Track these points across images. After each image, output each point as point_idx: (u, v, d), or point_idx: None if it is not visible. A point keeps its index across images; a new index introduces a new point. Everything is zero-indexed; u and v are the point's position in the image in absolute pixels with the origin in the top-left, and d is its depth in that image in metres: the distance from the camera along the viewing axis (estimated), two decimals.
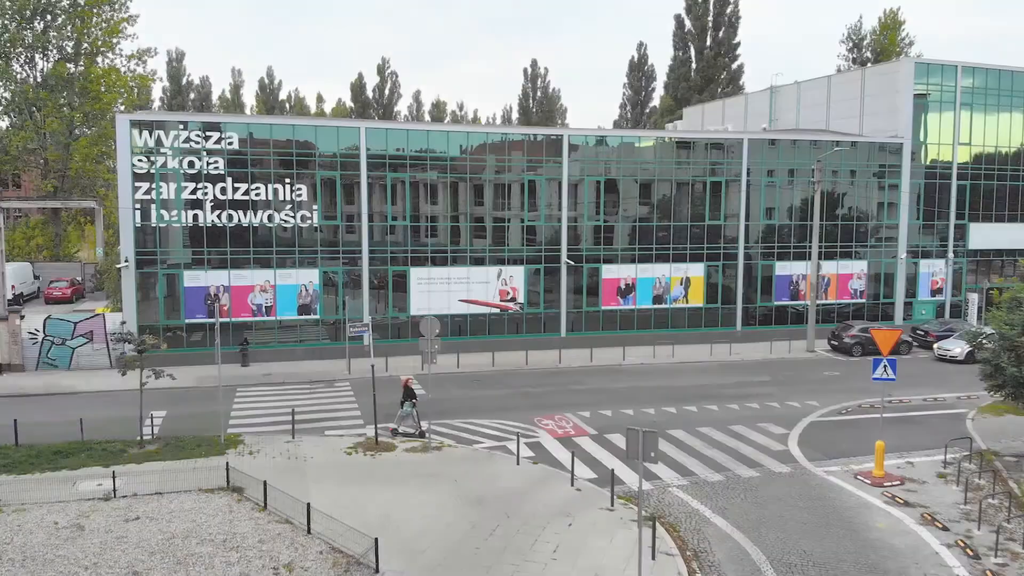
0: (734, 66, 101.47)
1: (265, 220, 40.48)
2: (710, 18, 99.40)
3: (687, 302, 47.24)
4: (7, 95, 60.33)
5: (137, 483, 22.87)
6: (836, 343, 46.01)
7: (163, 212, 39.31)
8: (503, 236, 44.40)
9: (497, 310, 44.18)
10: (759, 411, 32.75)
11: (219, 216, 39.92)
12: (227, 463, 23.42)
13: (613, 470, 23.49)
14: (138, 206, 39.06)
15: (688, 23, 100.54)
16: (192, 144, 39.41)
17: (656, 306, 46.76)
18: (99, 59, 63.63)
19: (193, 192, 39.58)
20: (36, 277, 55.62)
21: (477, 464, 25.30)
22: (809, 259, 48.42)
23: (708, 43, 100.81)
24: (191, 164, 39.42)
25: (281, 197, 40.51)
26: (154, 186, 39.07)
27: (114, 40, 62.80)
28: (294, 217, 40.75)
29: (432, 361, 27.83)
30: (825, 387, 37.40)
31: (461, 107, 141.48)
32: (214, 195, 39.77)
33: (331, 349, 40.66)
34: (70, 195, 61.08)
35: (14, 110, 61.44)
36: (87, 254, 67.23)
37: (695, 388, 36.62)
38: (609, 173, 45.57)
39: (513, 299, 44.38)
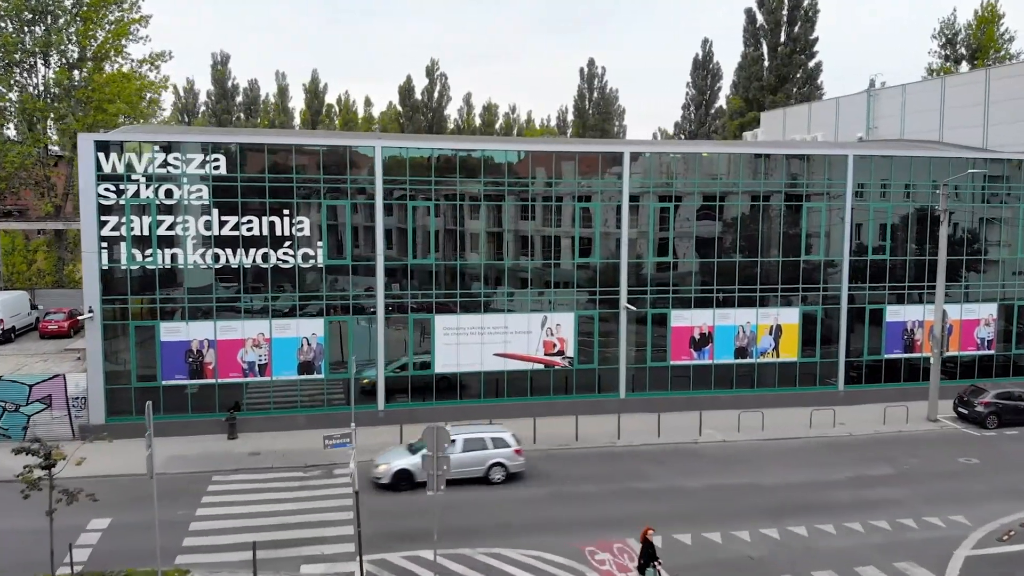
0: (811, 64, 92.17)
1: (259, 260, 33.17)
2: (784, 12, 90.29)
3: (777, 355, 38.48)
4: (7, 105, 54.57)
5: None
6: (964, 410, 36.77)
7: (135, 252, 32.30)
8: (549, 276, 36.36)
9: (541, 366, 36.16)
10: (891, 535, 24.06)
11: (203, 256, 32.75)
12: None
13: None
14: (104, 245, 32.12)
15: (760, 17, 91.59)
16: (170, 169, 32.30)
17: (739, 360, 38.12)
18: (107, 65, 57.75)
19: (171, 227, 32.49)
20: (35, 307, 49.42)
21: None
22: (929, 302, 39.27)
23: (782, 39, 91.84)
24: (169, 193, 32.34)
25: (278, 232, 33.14)
26: (124, 220, 32.08)
27: (122, 43, 56.76)
28: (294, 256, 33.34)
29: (438, 488, 19.87)
30: (967, 486, 28.48)
31: (514, 110, 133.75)
32: (197, 231, 32.61)
33: (338, 416, 33.09)
34: (73, 216, 55.03)
35: (14, 121, 55.81)
36: None
37: (799, 489, 28.00)
38: (679, 196, 37.13)
39: (561, 352, 36.29)
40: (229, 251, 32.90)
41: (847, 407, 38.53)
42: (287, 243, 33.21)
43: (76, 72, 55.42)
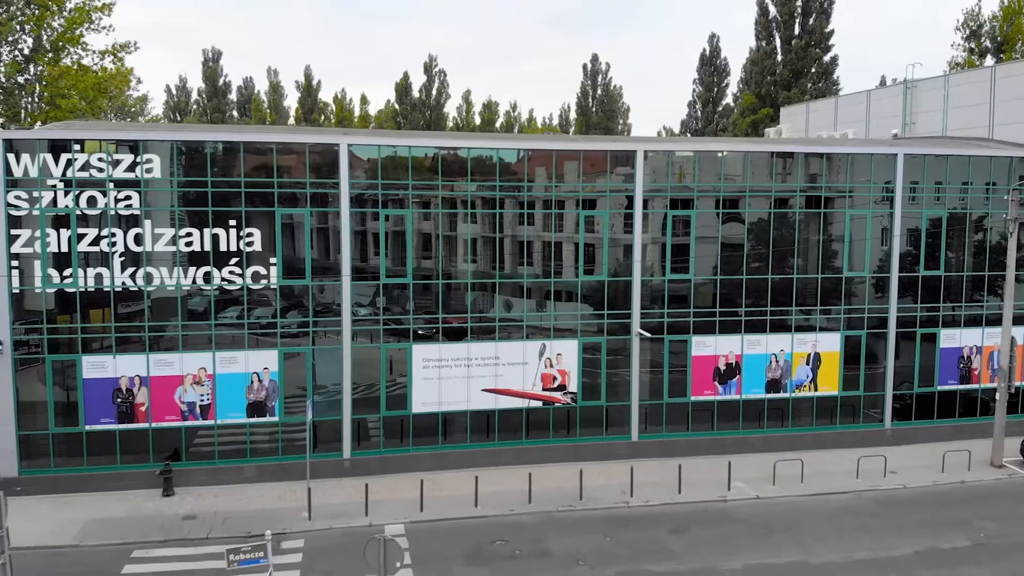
0: (826, 58, 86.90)
1: (200, 281, 27.74)
2: (799, 3, 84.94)
3: (815, 389, 32.95)
4: None
5: None
6: None
7: (52, 272, 26.89)
8: (548, 296, 30.90)
9: (539, 403, 30.69)
10: None
11: (132, 276, 27.33)
12: None
13: None
14: (15, 263, 26.70)
15: (773, 9, 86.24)
16: (93, 172, 26.87)
17: (771, 395, 32.60)
18: (66, 57, 52.37)
19: (95, 242, 27.06)
20: None
21: None
22: (989, 325, 33.82)
23: (797, 31, 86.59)
24: (92, 201, 26.91)
25: (223, 247, 27.70)
26: (38, 234, 26.66)
27: (80, 32, 51.37)
28: (242, 276, 27.89)
29: None
30: None
31: (514, 107, 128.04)
32: (125, 246, 27.19)
33: (294, 467, 27.62)
34: None
35: None
36: None
37: (860, 572, 22.50)
38: (700, 202, 31.65)
39: (562, 387, 30.81)
40: (164, 270, 27.45)
41: (896, 448, 33.06)
42: (234, 260, 27.74)
43: (31, 66, 50.08)
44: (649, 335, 30.64)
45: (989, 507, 27.55)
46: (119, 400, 27.57)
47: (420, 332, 29.54)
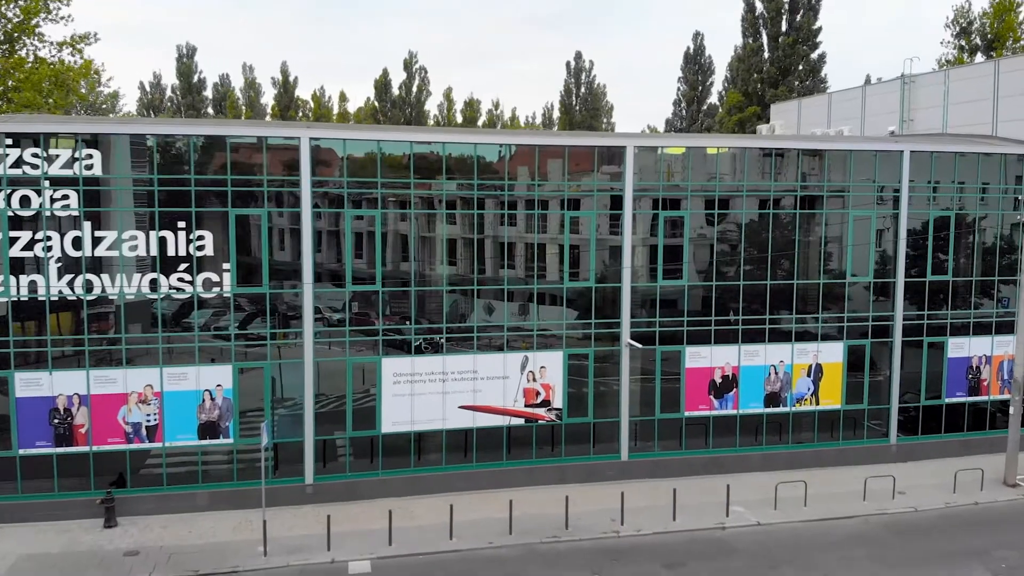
0: (814, 55, 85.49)
1: (145, 289, 25.09)
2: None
3: (817, 402, 30.75)
4: None
5: None
6: None
7: None
8: (530, 305, 28.49)
9: (521, 420, 28.27)
10: None
11: (70, 284, 24.62)
12: None
13: None
14: None
15: (760, 5, 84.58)
16: (27, 169, 24.16)
17: (770, 409, 30.36)
18: (21, 48, 49.41)
19: (29, 246, 24.34)
20: None
21: None
22: (1000, 333, 31.85)
23: (784, 28, 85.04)
24: (25, 201, 24.20)
25: (171, 251, 25.05)
26: None
27: (35, 22, 48.44)
28: (192, 283, 25.26)
29: None
30: None
31: (497, 105, 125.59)
32: (62, 251, 24.48)
33: (251, 493, 24.98)
34: None
35: None
36: None
37: None
38: (693, 203, 29.37)
39: (546, 402, 28.41)
40: (105, 277, 24.78)
41: (902, 465, 30.98)
42: (183, 266, 25.11)
43: None
44: (640, 346, 28.30)
45: (1007, 533, 25.45)
46: (56, 421, 24.88)
47: (390, 342, 27.05)
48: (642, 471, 28.96)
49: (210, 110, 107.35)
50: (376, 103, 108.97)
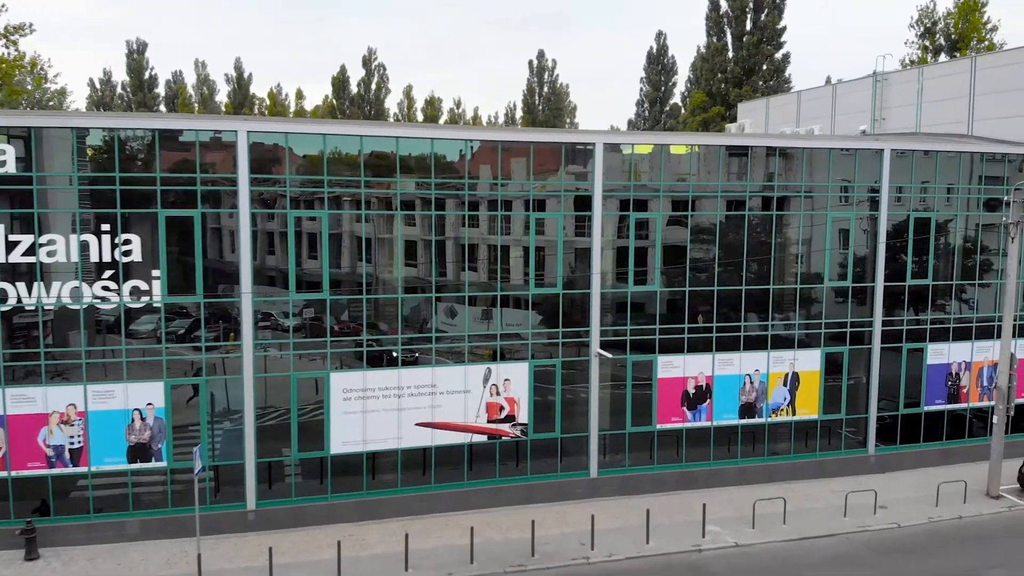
0: (778, 55, 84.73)
1: (66, 298, 22.64)
2: None
3: (794, 412, 29.29)
4: None
5: None
6: None
7: None
8: (493, 314, 26.54)
9: (484, 437, 26.33)
10: None
11: None
12: None
13: None
14: None
15: (725, 4, 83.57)
16: None
17: (745, 420, 28.81)
18: None
19: None
20: None
21: None
22: (980, 338, 30.74)
23: (748, 27, 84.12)
24: None
25: (95, 257, 22.66)
26: None
27: None
28: (118, 292, 22.89)
29: None
30: None
31: (459, 104, 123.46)
32: None
33: (186, 521, 22.62)
34: None
35: None
36: None
37: None
38: (665, 204, 27.68)
39: (511, 417, 26.51)
40: (22, 285, 22.30)
41: (881, 476, 29.74)
42: (108, 273, 22.73)
43: None
44: (610, 356, 26.53)
45: (994, 549, 24.17)
46: None
47: (340, 354, 24.95)
48: (612, 488, 27.23)
49: (162, 107, 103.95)
50: (334, 101, 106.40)
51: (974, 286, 30.96)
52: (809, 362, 29.19)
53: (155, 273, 22.85)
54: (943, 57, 69.06)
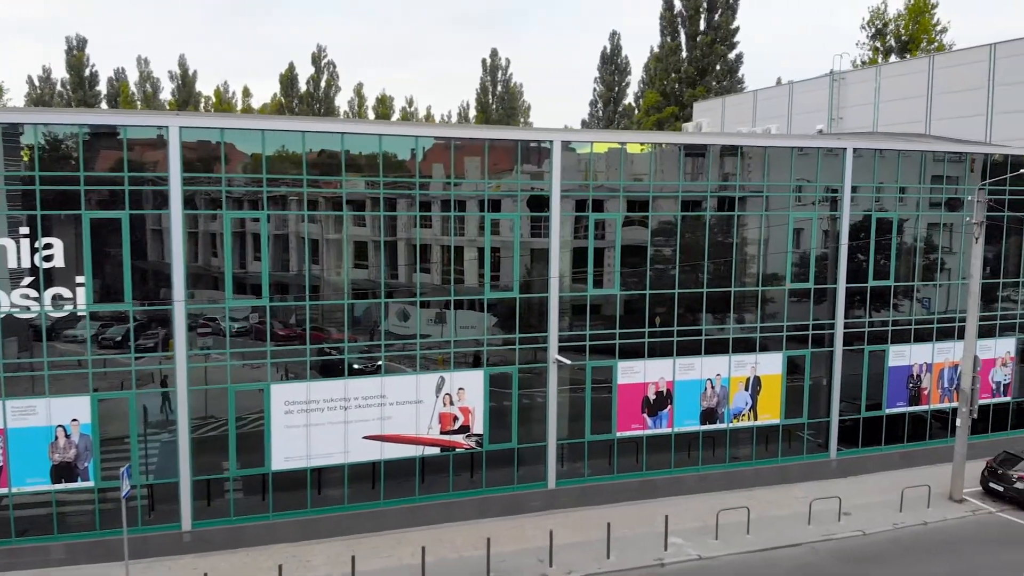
0: (732, 55, 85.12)
1: None
2: None
3: (755, 417, 28.62)
4: None
5: None
6: (998, 486, 27.87)
7: None
8: (446, 319, 25.30)
9: (436, 449, 25.09)
10: None
11: None
12: None
13: None
14: None
15: (679, 4, 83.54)
16: None
17: (706, 426, 28.04)
18: None
19: None
20: None
21: None
22: (940, 339, 30.45)
23: (702, 27, 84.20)
24: None
25: (14, 263, 20.88)
26: None
27: None
28: (39, 300, 21.13)
29: None
30: None
31: (411, 103, 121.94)
32: None
33: (115, 544, 20.95)
34: None
35: None
36: None
37: None
38: (624, 205, 26.74)
39: (465, 428, 25.32)
40: None
41: (843, 481, 29.27)
42: (28, 280, 20.98)
43: None
44: (568, 362, 25.50)
45: (962, 556, 23.72)
46: None
47: (280, 363, 23.48)
48: (570, 499, 26.22)
49: (104, 105, 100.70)
50: (283, 99, 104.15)
51: (935, 287, 30.65)
52: (771, 366, 28.54)
53: (79, 279, 21.13)
54: (893, 58, 69.72)
